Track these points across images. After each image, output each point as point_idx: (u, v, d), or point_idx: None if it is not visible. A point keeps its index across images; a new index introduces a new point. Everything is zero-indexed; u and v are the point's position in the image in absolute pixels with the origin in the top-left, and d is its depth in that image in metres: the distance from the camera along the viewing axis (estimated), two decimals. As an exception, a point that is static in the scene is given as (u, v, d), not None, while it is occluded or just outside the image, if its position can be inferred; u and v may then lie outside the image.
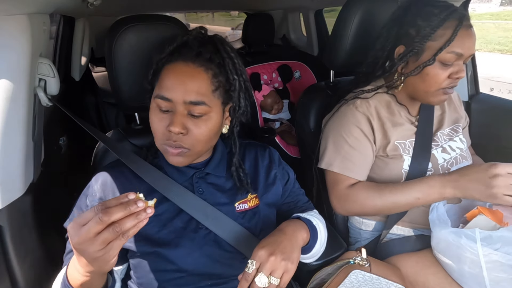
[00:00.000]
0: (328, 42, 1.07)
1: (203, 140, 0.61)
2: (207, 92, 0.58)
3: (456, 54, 0.74)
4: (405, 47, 0.79)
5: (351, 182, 0.85)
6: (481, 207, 0.76)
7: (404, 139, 0.86)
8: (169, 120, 0.58)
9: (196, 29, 0.63)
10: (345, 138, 0.85)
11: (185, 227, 0.64)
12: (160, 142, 0.61)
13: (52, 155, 1.04)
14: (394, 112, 0.88)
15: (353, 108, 0.86)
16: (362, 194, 0.82)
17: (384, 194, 0.80)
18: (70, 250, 0.65)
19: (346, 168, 0.84)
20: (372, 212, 0.86)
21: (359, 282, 0.72)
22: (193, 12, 6.27)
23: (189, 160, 0.63)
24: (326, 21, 2.22)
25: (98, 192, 0.63)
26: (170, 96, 0.57)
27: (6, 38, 0.63)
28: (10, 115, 0.65)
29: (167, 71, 0.58)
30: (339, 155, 0.85)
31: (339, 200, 0.86)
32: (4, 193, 0.67)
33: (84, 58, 1.90)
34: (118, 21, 0.72)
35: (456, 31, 0.73)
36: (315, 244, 0.68)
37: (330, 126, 0.90)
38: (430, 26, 0.75)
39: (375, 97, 0.87)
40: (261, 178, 0.73)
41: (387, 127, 0.85)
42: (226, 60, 0.60)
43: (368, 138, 0.85)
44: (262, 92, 1.93)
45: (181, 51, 0.59)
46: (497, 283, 0.68)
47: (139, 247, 0.62)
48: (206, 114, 0.59)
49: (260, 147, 0.77)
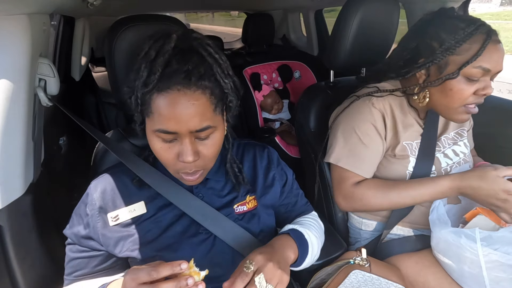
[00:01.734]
0: (328, 42, 1.07)
1: (214, 157, 0.60)
2: (210, 114, 0.54)
3: (483, 69, 0.72)
4: (425, 59, 0.78)
5: (357, 179, 0.85)
6: (480, 208, 0.76)
7: (411, 140, 0.86)
8: (177, 149, 0.55)
9: (170, 36, 0.53)
10: (358, 134, 0.84)
11: (185, 232, 0.64)
12: (173, 170, 0.59)
13: (52, 155, 1.04)
14: (406, 112, 0.87)
15: (369, 104, 0.84)
16: (368, 194, 0.82)
17: (391, 193, 0.81)
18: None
19: (354, 164, 0.84)
20: (376, 210, 0.87)
21: (359, 282, 0.72)
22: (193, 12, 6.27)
23: (204, 176, 0.63)
24: (326, 21, 2.22)
25: (97, 201, 0.63)
26: (173, 129, 0.52)
27: (6, 38, 0.63)
28: (10, 115, 0.65)
29: (161, 102, 0.51)
30: (349, 151, 0.85)
31: (344, 198, 0.86)
32: (4, 193, 0.67)
33: (84, 58, 1.90)
34: (118, 21, 0.72)
35: (484, 45, 0.71)
36: (303, 262, 0.68)
37: (340, 121, 0.89)
38: (455, 39, 0.73)
39: (390, 97, 0.86)
40: (259, 180, 0.72)
41: (398, 127, 0.85)
42: (214, 67, 0.54)
43: (381, 136, 0.84)
44: (262, 92, 1.93)
45: (168, 76, 0.50)
46: (497, 283, 0.68)
47: (139, 252, 0.62)
48: (213, 133, 0.57)
49: (258, 147, 0.76)
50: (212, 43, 0.56)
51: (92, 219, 0.62)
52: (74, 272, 0.65)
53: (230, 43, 3.24)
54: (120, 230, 0.62)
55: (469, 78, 0.74)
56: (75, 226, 0.64)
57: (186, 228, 0.64)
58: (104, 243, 0.63)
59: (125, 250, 0.62)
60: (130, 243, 0.62)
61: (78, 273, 0.65)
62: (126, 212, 0.63)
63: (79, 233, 0.63)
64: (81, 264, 0.65)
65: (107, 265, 0.66)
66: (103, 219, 0.62)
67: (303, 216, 0.80)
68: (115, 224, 0.62)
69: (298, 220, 0.78)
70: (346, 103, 0.91)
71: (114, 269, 0.67)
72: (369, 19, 0.96)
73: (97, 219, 0.62)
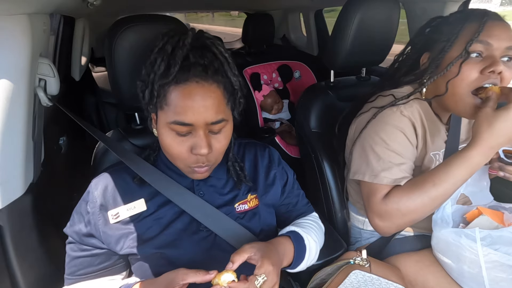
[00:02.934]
0: (328, 42, 1.07)
1: (224, 151, 0.62)
2: (224, 107, 0.57)
3: (482, 43, 0.68)
4: (431, 53, 0.77)
5: (387, 190, 0.73)
6: (481, 208, 0.76)
7: (438, 149, 0.82)
8: (191, 142, 0.56)
9: (187, 34, 0.55)
10: (388, 144, 0.75)
11: (186, 229, 0.64)
12: (184, 164, 0.60)
13: (52, 155, 1.04)
14: (433, 120, 0.82)
15: (397, 112, 0.77)
16: (403, 199, 0.70)
17: (427, 190, 0.68)
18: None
19: (389, 177, 0.73)
20: (420, 216, 0.72)
21: (359, 282, 0.72)
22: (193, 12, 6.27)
23: (211, 170, 0.64)
24: (326, 21, 2.22)
25: (98, 199, 0.63)
26: (190, 120, 0.53)
27: (6, 38, 0.63)
28: (10, 115, 0.65)
29: (178, 93, 0.53)
30: (382, 165, 0.74)
31: (381, 216, 0.73)
32: (4, 193, 0.67)
33: (84, 58, 1.90)
34: (118, 21, 0.72)
35: (484, 21, 0.68)
36: (297, 266, 0.69)
37: (366, 134, 0.80)
38: (455, 25, 0.72)
39: (418, 102, 0.79)
40: (260, 179, 0.72)
41: (427, 136, 0.80)
42: (225, 65, 0.57)
43: (412, 144, 0.77)
44: (262, 92, 1.93)
45: (186, 68, 0.53)
46: (497, 283, 0.68)
47: (139, 249, 0.62)
48: (225, 127, 0.58)
49: (259, 146, 0.77)
50: (221, 43, 0.59)
51: (93, 216, 0.62)
52: (76, 271, 0.65)
53: (230, 43, 3.24)
54: (120, 227, 0.63)
55: (471, 56, 0.69)
56: (76, 224, 0.64)
57: (187, 225, 0.65)
58: (106, 240, 0.63)
59: (126, 247, 0.62)
60: (131, 240, 0.62)
61: (81, 272, 0.65)
62: (126, 209, 0.63)
63: (80, 231, 0.63)
64: (83, 263, 0.65)
65: (110, 264, 0.66)
66: (104, 216, 0.63)
67: (304, 218, 0.80)
68: (115, 221, 0.62)
69: (300, 222, 0.78)
70: (367, 115, 0.82)
71: (116, 268, 0.67)
72: (369, 19, 0.96)
73: (98, 217, 0.62)
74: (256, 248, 0.57)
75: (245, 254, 0.56)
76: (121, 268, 0.68)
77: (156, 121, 0.59)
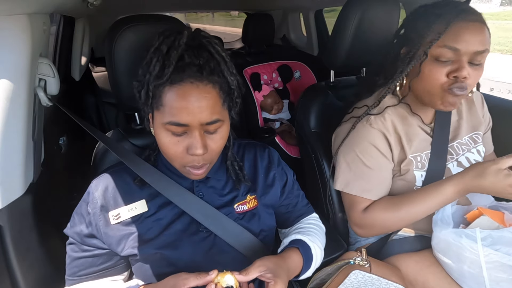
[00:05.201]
0: (328, 42, 1.07)
1: (220, 151, 0.61)
2: (219, 107, 0.56)
3: (449, 48, 0.69)
4: (406, 51, 0.77)
5: (366, 204, 0.82)
6: (481, 208, 0.76)
7: (420, 151, 0.82)
8: (186, 142, 0.56)
9: (182, 33, 0.54)
10: (360, 158, 0.81)
11: (185, 230, 0.64)
12: (180, 164, 0.60)
13: (52, 155, 1.04)
14: (410, 123, 0.83)
15: (367, 125, 0.81)
16: (379, 218, 0.79)
17: (400, 211, 0.77)
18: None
19: (362, 189, 0.81)
20: (394, 229, 0.84)
21: (359, 282, 0.72)
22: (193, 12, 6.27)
23: (208, 170, 0.63)
24: (326, 21, 2.22)
25: (99, 200, 0.63)
26: (185, 121, 0.53)
27: (6, 38, 0.63)
28: (10, 115, 0.65)
29: (173, 94, 0.53)
30: (354, 176, 0.81)
31: (358, 226, 0.83)
32: (4, 193, 0.67)
33: (84, 58, 1.90)
34: (118, 21, 0.72)
35: (448, 23, 0.68)
36: (303, 274, 0.70)
37: (343, 145, 0.85)
38: (426, 23, 0.72)
39: (389, 110, 0.82)
40: (260, 179, 0.72)
41: (404, 141, 0.81)
42: (222, 64, 0.56)
43: (385, 156, 0.81)
44: (262, 92, 1.93)
45: (181, 69, 0.52)
46: (497, 283, 0.68)
47: (139, 250, 0.62)
48: (220, 127, 0.58)
49: (259, 147, 0.76)
50: (218, 42, 0.58)
51: (94, 217, 0.62)
52: (78, 272, 0.65)
53: (230, 43, 3.24)
54: (121, 228, 0.63)
55: (438, 59, 0.70)
56: (77, 225, 0.64)
57: (187, 226, 0.65)
58: (107, 241, 0.63)
59: (127, 248, 0.62)
60: (131, 241, 0.62)
61: (82, 272, 0.65)
62: (127, 210, 0.63)
63: (81, 232, 0.63)
64: (85, 264, 0.64)
65: (111, 264, 0.66)
66: (105, 217, 0.62)
67: (306, 221, 0.80)
68: (116, 222, 0.62)
69: (304, 227, 0.78)
70: (345, 126, 0.86)
71: (118, 268, 0.67)
72: (369, 19, 0.96)
73: (99, 218, 0.62)
74: (266, 267, 0.58)
75: (255, 273, 0.57)
76: (122, 268, 0.68)
77: (152, 121, 0.59)
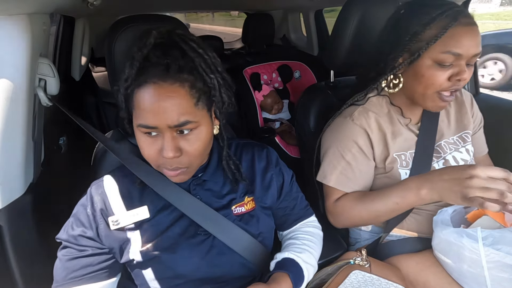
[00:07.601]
0: (328, 42, 1.06)
1: (199, 154, 0.58)
2: (190, 108, 0.53)
3: (452, 54, 0.70)
4: (397, 50, 0.76)
5: (340, 195, 0.83)
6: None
7: (404, 150, 0.82)
8: (160, 143, 0.55)
9: (151, 33, 0.53)
10: (340, 152, 0.82)
11: (183, 233, 0.64)
12: (155, 166, 0.59)
13: (52, 155, 1.04)
14: (395, 121, 0.84)
15: (349, 121, 0.82)
16: (347, 206, 0.81)
17: (366, 202, 0.78)
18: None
19: (339, 182, 0.83)
20: (362, 223, 0.85)
21: (359, 283, 0.72)
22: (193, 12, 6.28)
23: (190, 174, 0.62)
24: (326, 21, 2.22)
25: (99, 203, 0.63)
26: (153, 123, 0.52)
27: (6, 38, 0.63)
28: (10, 115, 0.65)
29: (140, 97, 0.52)
30: (335, 170, 0.83)
31: (330, 214, 0.85)
32: (4, 193, 0.67)
33: (84, 58, 1.90)
34: (118, 21, 0.72)
35: (445, 28, 0.69)
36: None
37: (326, 138, 0.87)
38: (420, 24, 0.72)
39: (374, 106, 0.83)
40: (257, 181, 0.71)
41: (388, 138, 0.82)
42: (197, 60, 0.53)
43: (364, 153, 0.82)
44: (262, 92, 1.93)
45: (146, 70, 0.51)
46: (498, 283, 0.68)
47: (138, 255, 0.61)
48: (196, 128, 0.56)
49: (257, 147, 0.75)
50: (197, 39, 0.56)
51: (94, 220, 0.62)
52: (69, 273, 0.60)
53: (230, 43, 3.25)
54: (120, 233, 0.62)
55: (440, 64, 0.71)
56: (74, 229, 0.62)
57: (185, 229, 0.64)
58: (108, 244, 0.62)
59: (126, 253, 0.62)
60: (130, 246, 0.62)
61: (75, 274, 0.61)
62: (128, 216, 0.62)
63: (79, 235, 0.61)
64: (80, 263, 0.61)
65: (108, 264, 0.64)
66: (105, 221, 0.62)
67: (303, 228, 0.78)
68: (115, 228, 0.62)
69: (299, 237, 0.76)
70: (331, 119, 0.88)
71: (114, 269, 0.66)
72: (369, 19, 0.96)
73: (100, 221, 0.62)
74: None
75: None
76: (119, 270, 0.67)
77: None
